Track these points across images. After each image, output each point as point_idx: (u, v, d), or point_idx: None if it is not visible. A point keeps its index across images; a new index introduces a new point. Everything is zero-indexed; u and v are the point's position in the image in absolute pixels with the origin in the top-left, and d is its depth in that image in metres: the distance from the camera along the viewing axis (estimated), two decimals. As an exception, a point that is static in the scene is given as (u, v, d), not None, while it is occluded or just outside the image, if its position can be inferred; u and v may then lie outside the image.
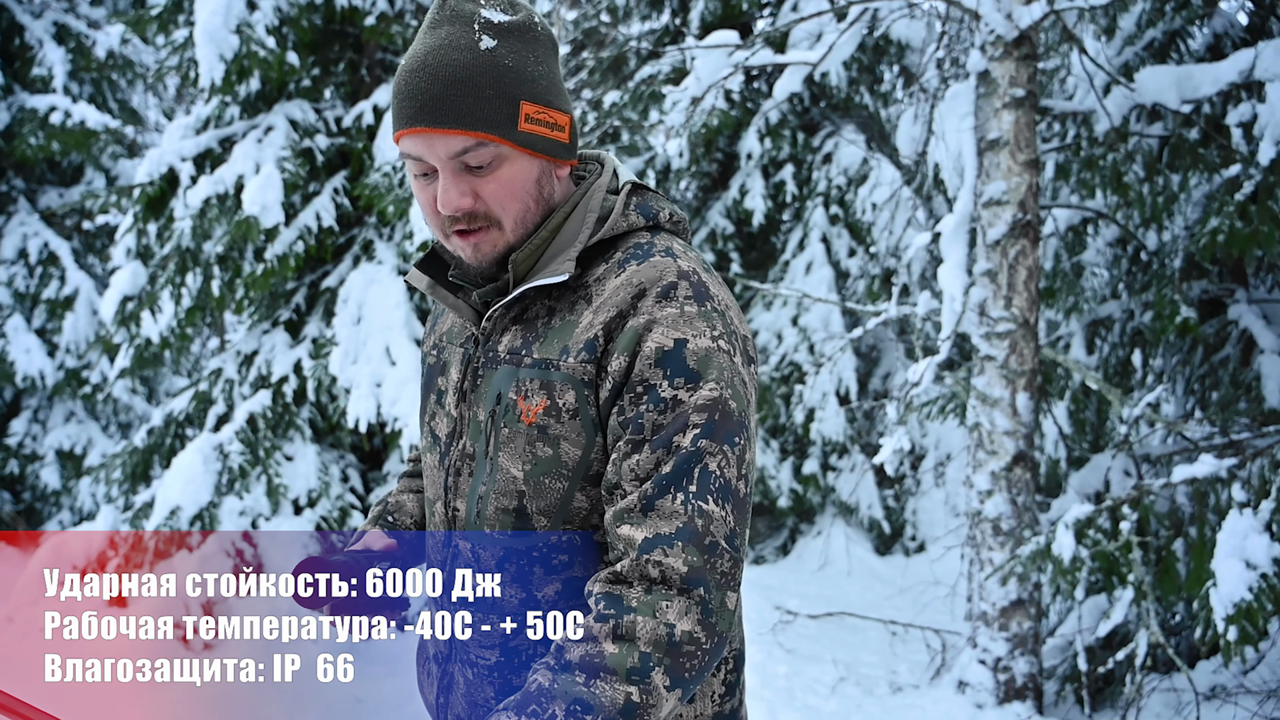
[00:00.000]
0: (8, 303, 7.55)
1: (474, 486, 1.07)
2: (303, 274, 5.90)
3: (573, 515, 1.02)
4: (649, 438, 0.96)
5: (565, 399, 1.01)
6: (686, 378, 0.97)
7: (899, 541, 7.09)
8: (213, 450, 5.19)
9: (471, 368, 1.10)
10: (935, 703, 3.65)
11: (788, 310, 7.46)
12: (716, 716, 1.07)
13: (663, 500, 0.94)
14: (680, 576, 0.92)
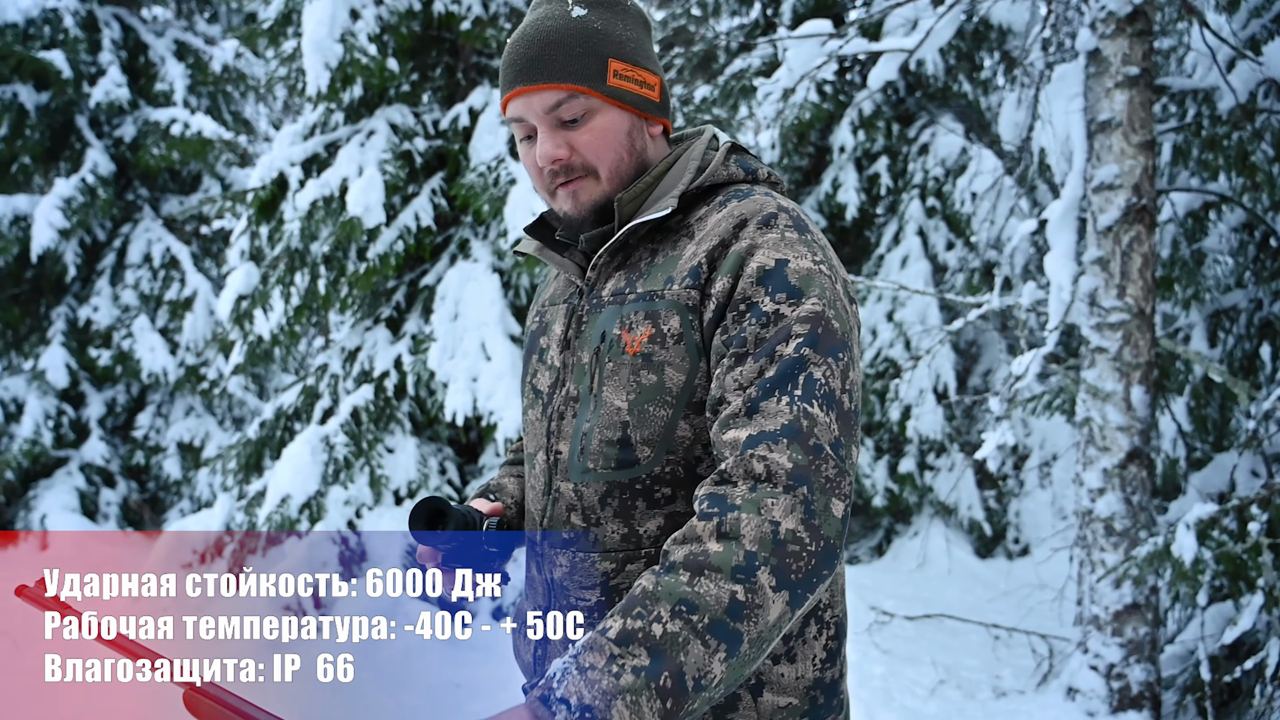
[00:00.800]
0: (134, 304, 8.04)
1: (577, 426, 1.08)
2: (402, 272, 6.09)
3: (676, 445, 1.02)
4: (751, 350, 0.97)
5: (670, 325, 1.02)
6: (789, 293, 0.98)
7: (1001, 544, 6.83)
8: (319, 442, 5.40)
9: (575, 316, 1.13)
10: (1043, 709, 3.51)
11: (882, 306, 7.29)
12: (817, 683, 1.05)
13: (767, 402, 0.94)
14: (785, 472, 0.90)
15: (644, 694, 0.80)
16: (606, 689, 0.80)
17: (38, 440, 7.41)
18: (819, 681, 1.06)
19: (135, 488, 8.05)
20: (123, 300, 8.04)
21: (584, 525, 1.07)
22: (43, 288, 8.04)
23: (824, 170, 7.91)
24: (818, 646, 1.06)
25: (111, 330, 7.90)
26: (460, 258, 5.72)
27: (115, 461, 7.95)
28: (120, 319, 7.96)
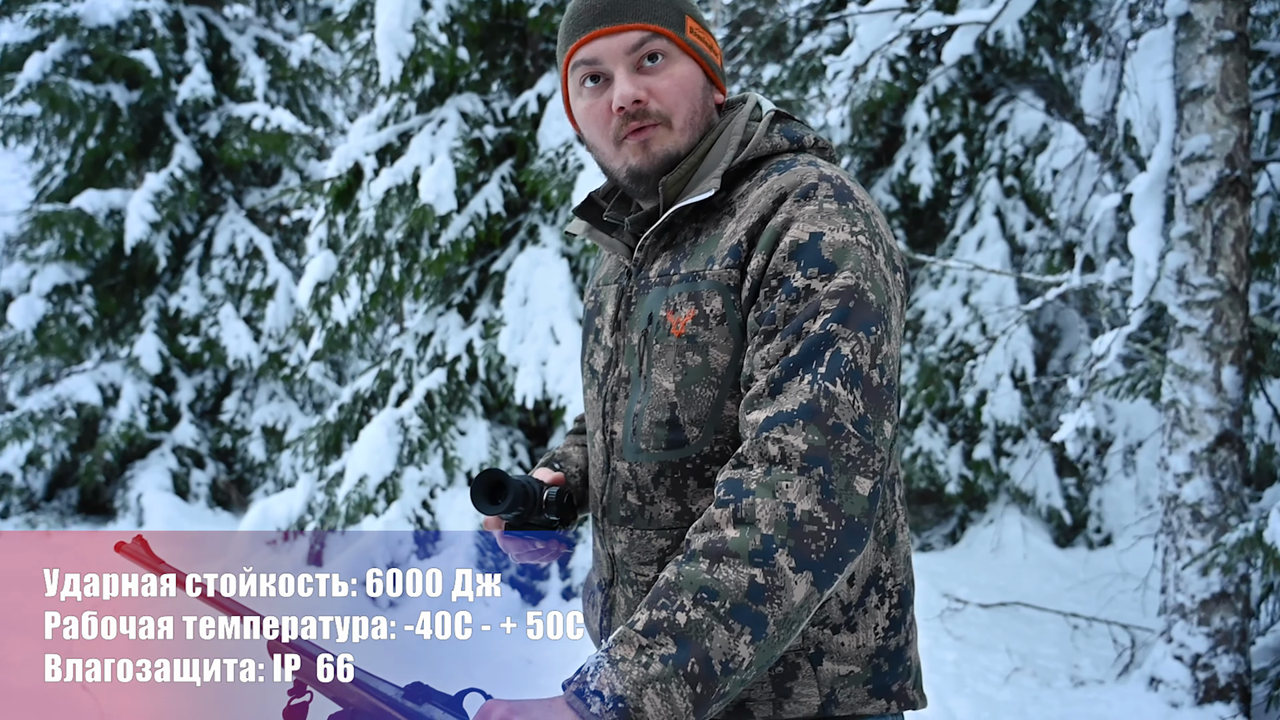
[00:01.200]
0: (220, 293, 8.37)
1: (629, 407, 1.09)
2: (473, 259, 6.20)
3: (724, 424, 1.02)
4: (780, 327, 0.96)
5: (712, 305, 1.02)
6: (821, 268, 0.96)
7: (1081, 533, 6.62)
8: (395, 424, 5.55)
9: (625, 298, 1.14)
10: (1123, 699, 3.40)
11: (957, 288, 7.11)
12: (880, 651, 1.04)
13: (789, 382, 0.93)
14: (800, 454, 0.89)
15: (673, 681, 0.82)
16: (637, 679, 0.82)
17: (133, 423, 7.79)
18: (882, 650, 1.05)
19: (223, 469, 8.40)
20: (209, 289, 8.39)
21: (640, 504, 1.08)
22: (136, 278, 8.43)
23: (896, 151, 7.74)
24: (879, 615, 1.05)
25: (199, 318, 8.25)
26: (529, 243, 5.79)
27: (204, 444, 8.32)
28: (207, 308, 8.30)
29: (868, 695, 1.04)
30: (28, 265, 8.08)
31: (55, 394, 7.84)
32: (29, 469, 7.64)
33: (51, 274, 7.92)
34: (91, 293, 8.15)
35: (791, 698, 1.01)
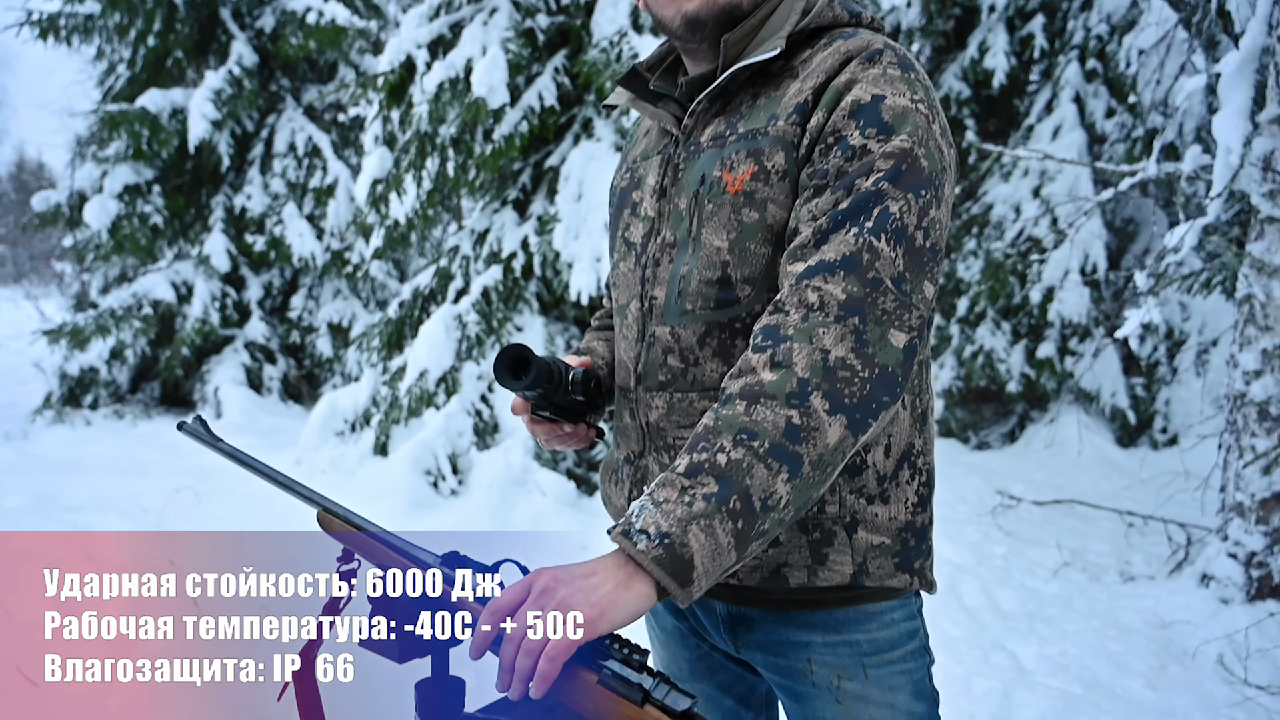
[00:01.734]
0: (283, 192, 8.49)
1: (674, 271, 1.08)
2: (528, 154, 6.14)
3: (776, 282, 1.02)
4: (831, 183, 0.96)
5: (774, 161, 1.01)
6: (879, 129, 0.96)
7: (1146, 433, 6.48)
8: (453, 320, 5.65)
9: (671, 165, 1.12)
10: (1172, 594, 3.39)
11: (1028, 181, 6.81)
12: (908, 525, 1.07)
13: (835, 233, 0.93)
14: (837, 303, 0.90)
15: (716, 517, 0.84)
16: (681, 516, 0.84)
17: (206, 320, 8.08)
18: (910, 525, 1.07)
19: (293, 365, 8.71)
20: (272, 188, 8.51)
21: (682, 366, 1.07)
22: (201, 178, 8.59)
23: (970, 33, 7.32)
24: (910, 491, 1.07)
25: (264, 217, 8.41)
26: (583, 137, 5.70)
27: (275, 340, 8.61)
28: (271, 206, 8.45)
29: (894, 568, 1.06)
30: (99, 166, 8.29)
31: (133, 292, 8.15)
32: (113, 363, 8.03)
33: (122, 174, 8.11)
34: (160, 192, 8.34)
35: (826, 564, 1.04)
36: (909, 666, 1.09)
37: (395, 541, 1.03)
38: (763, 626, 1.10)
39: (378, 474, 5.12)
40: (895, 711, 1.08)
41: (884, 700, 1.08)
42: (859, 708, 1.08)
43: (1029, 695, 2.78)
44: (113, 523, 4.50)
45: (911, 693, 1.09)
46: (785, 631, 1.09)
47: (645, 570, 0.83)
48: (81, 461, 5.95)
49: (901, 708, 1.08)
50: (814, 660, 1.09)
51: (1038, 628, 3.30)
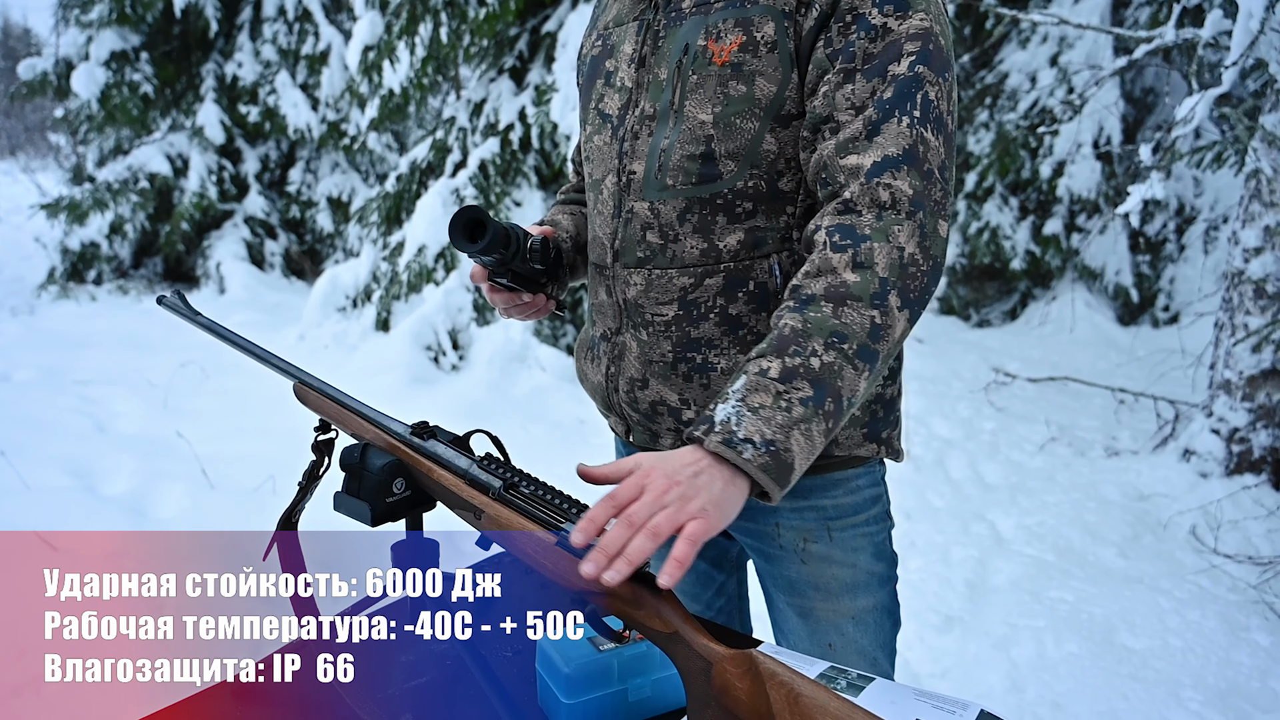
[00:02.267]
0: (274, 59, 8.23)
1: (654, 144, 1.06)
2: (525, 17, 5.90)
3: (760, 158, 1.01)
4: (861, 66, 0.95)
5: (764, 31, 0.99)
6: (896, 5, 0.95)
7: (1149, 311, 6.47)
8: (450, 194, 5.58)
9: (651, 32, 1.08)
10: (1153, 469, 3.47)
11: (1046, 48, 6.54)
12: (878, 398, 1.11)
13: (887, 124, 0.93)
14: (908, 199, 0.92)
15: (814, 420, 0.87)
16: (783, 423, 0.86)
17: (204, 194, 7.99)
18: (880, 397, 1.10)
19: (294, 240, 8.67)
20: (263, 55, 8.24)
21: (661, 242, 1.07)
22: (190, 44, 8.31)
23: (993, -115, 6.86)
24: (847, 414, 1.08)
25: (257, 86, 8.18)
26: (582, 1, 5.46)
27: (274, 215, 8.54)
28: (263, 74, 8.20)
29: (862, 438, 1.10)
30: (83, 31, 8.01)
31: (128, 164, 8.04)
32: (114, 238, 8.01)
33: (107, 40, 7.85)
34: (149, 60, 8.09)
35: None
36: (871, 530, 1.15)
37: (367, 412, 1.06)
38: None
39: (379, 349, 5.19)
40: (857, 570, 1.14)
41: (846, 560, 1.13)
42: (823, 567, 1.14)
43: (1003, 562, 2.89)
44: (121, 396, 4.60)
45: (872, 554, 1.15)
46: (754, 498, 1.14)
47: (748, 475, 0.85)
48: (88, 336, 6.03)
49: (863, 567, 1.14)
50: (781, 525, 1.14)
51: (1019, 499, 3.41)
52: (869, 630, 1.16)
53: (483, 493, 0.95)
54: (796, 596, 1.16)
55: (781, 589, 1.18)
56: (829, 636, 1.15)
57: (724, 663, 0.84)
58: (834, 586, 1.14)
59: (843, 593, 1.14)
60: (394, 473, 1.01)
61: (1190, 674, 2.32)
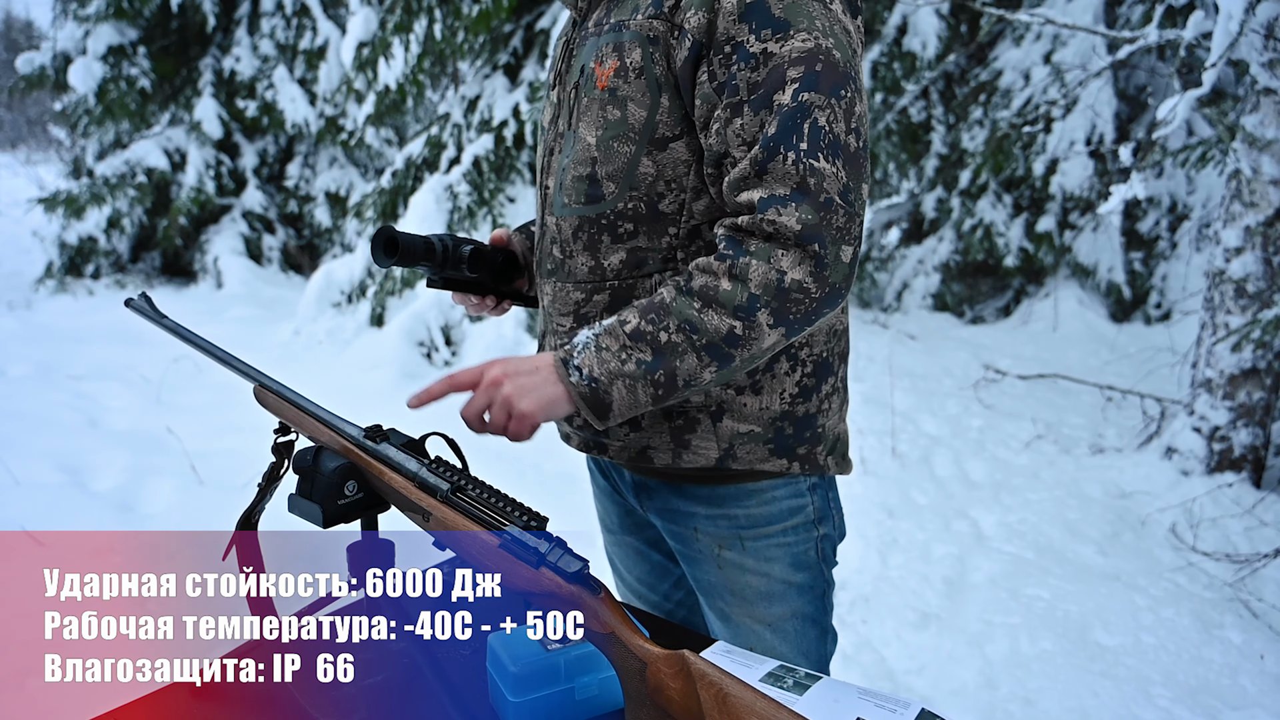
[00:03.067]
0: (272, 54, 8.24)
1: (560, 162, 1.09)
2: (520, 14, 5.91)
3: (638, 181, 1.02)
4: (746, 99, 0.94)
5: (632, 57, 1.00)
6: (774, 28, 0.92)
7: (1141, 309, 6.48)
8: (443, 190, 5.61)
9: (569, 50, 1.11)
10: (1135, 466, 3.49)
11: (1040, 46, 6.54)
12: (785, 415, 1.09)
13: (774, 162, 0.93)
14: (795, 234, 0.93)
15: (640, 381, 0.95)
16: (613, 370, 0.95)
17: (202, 188, 8.02)
18: (787, 414, 1.09)
19: (292, 235, 8.69)
20: (261, 50, 8.26)
21: (562, 257, 1.10)
22: (188, 38, 8.33)
23: (989, -119, 6.86)
24: (789, 382, 1.08)
25: (254, 81, 8.20)
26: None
27: (273, 210, 8.56)
28: (261, 69, 8.22)
29: (767, 453, 1.09)
30: (80, 25, 8.03)
31: (126, 159, 8.06)
32: (111, 232, 8.03)
33: (104, 34, 7.87)
34: (146, 54, 8.11)
35: (690, 449, 1.08)
36: (788, 540, 1.14)
37: (322, 414, 1.09)
38: (659, 494, 1.17)
39: (373, 345, 5.22)
40: (770, 580, 1.14)
41: (759, 569, 1.14)
42: (736, 574, 1.15)
43: (982, 559, 2.92)
44: (114, 391, 4.64)
45: (789, 563, 1.14)
46: (676, 501, 1.16)
47: (569, 396, 0.97)
48: (84, 331, 6.06)
49: (777, 576, 1.14)
50: (699, 530, 1.16)
51: (1002, 497, 3.43)
52: (788, 638, 1.16)
53: (430, 495, 0.98)
54: (715, 599, 1.18)
55: (704, 591, 1.20)
56: (748, 641, 1.17)
57: (657, 663, 0.87)
58: (748, 594, 1.15)
59: (757, 600, 1.15)
60: (346, 475, 1.03)
61: (1161, 671, 2.35)
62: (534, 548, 0.92)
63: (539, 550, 0.92)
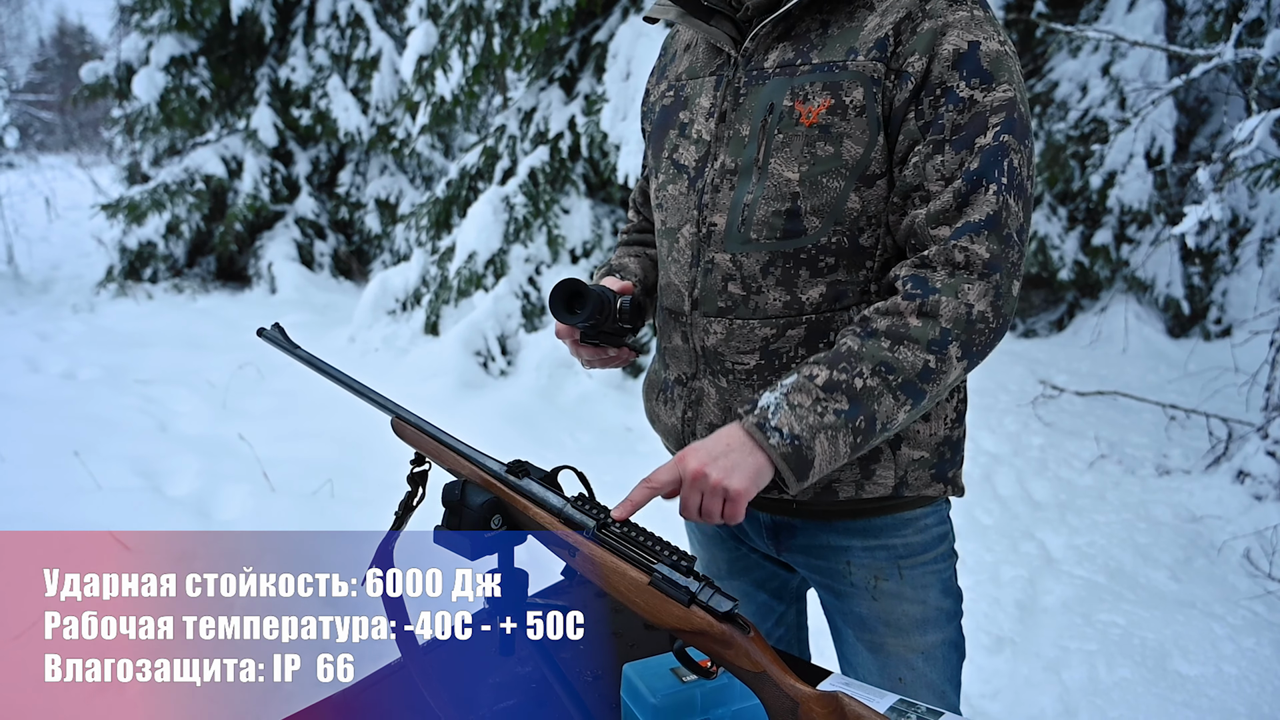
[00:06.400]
0: (326, 64, 8.39)
1: (736, 198, 1.10)
2: (575, 28, 5.97)
3: (844, 215, 1.06)
4: (949, 138, 1.01)
5: (853, 96, 1.03)
6: (981, 79, 1.01)
7: (1199, 324, 6.37)
8: (500, 202, 5.67)
9: (731, 88, 1.12)
10: (1205, 489, 3.44)
11: (1097, 58, 6.47)
12: (946, 440, 1.15)
13: (975, 194, 1.00)
14: (983, 262, 0.99)
15: (842, 431, 0.97)
16: (812, 424, 0.96)
17: (257, 195, 8.18)
18: (948, 439, 1.15)
19: (343, 241, 8.83)
20: (316, 60, 8.41)
21: (744, 294, 1.10)
22: (245, 49, 8.51)
23: (1045, -109, 6.79)
24: (949, 409, 1.14)
25: (309, 90, 8.35)
26: (632, 11, 5.52)
27: (324, 216, 8.71)
28: (315, 79, 8.37)
29: (930, 479, 1.15)
30: (143, 36, 8.24)
31: (184, 166, 8.25)
32: (170, 238, 8.23)
33: (167, 45, 8.07)
34: (206, 64, 8.30)
35: (873, 479, 1.12)
36: (939, 567, 1.19)
37: (464, 449, 1.12)
38: (805, 533, 1.20)
39: (429, 353, 5.29)
40: (926, 607, 1.18)
41: (916, 597, 1.18)
42: (894, 604, 1.18)
43: (1053, 583, 2.90)
44: (182, 396, 4.75)
45: (940, 590, 1.19)
46: (826, 537, 1.18)
47: (771, 460, 0.96)
48: (146, 335, 6.21)
49: (932, 603, 1.19)
50: (853, 563, 1.18)
51: (1068, 518, 3.40)
52: (938, 664, 1.20)
53: (577, 531, 1.01)
54: (867, 632, 1.20)
55: (852, 624, 1.22)
56: (899, 671, 1.19)
57: (810, 703, 0.89)
58: (904, 623, 1.18)
59: (913, 629, 1.18)
60: (492, 509, 1.06)
61: (1245, 702, 2.31)
62: (684, 586, 0.94)
63: (690, 589, 0.94)
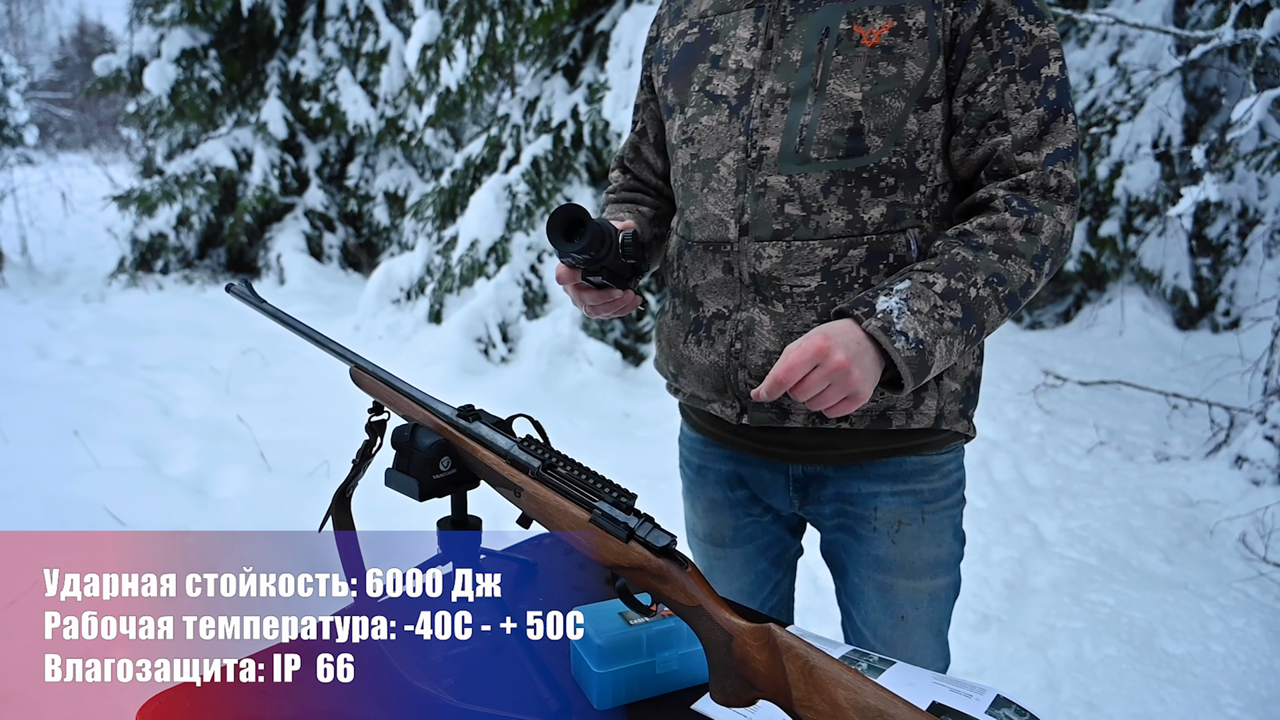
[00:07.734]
0: (336, 57, 8.44)
1: (792, 120, 1.10)
2: (579, 17, 5.98)
3: (904, 136, 1.09)
4: (1020, 69, 1.07)
5: (915, 19, 1.07)
6: (1035, 15, 1.08)
7: (1208, 316, 6.30)
8: (503, 190, 5.69)
9: (778, 16, 1.13)
10: (1203, 474, 3.42)
11: (1105, 47, 6.42)
12: (972, 376, 1.20)
13: (1056, 122, 1.07)
14: (1070, 186, 1.07)
15: (957, 337, 1.02)
16: (934, 330, 1.01)
17: (267, 187, 8.24)
18: (973, 375, 1.20)
19: (351, 233, 8.89)
20: (325, 53, 8.47)
21: (803, 214, 1.10)
22: (256, 42, 8.57)
23: (1055, -120, 6.74)
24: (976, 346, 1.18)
25: (319, 83, 8.41)
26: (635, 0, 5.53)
27: (333, 208, 8.77)
28: (325, 72, 8.42)
29: (959, 414, 1.19)
30: (155, 29, 8.32)
31: (195, 158, 8.33)
32: (181, 229, 8.30)
33: (178, 38, 8.14)
34: (217, 57, 8.37)
35: (920, 408, 1.15)
36: (954, 511, 1.23)
37: (417, 394, 1.13)
38: (835, 482, 1.21)
39: (431, 341, 5.32)
40: (941, 550, 1.22)
41: (935, 541, 1.22)
42: (913, 546, 1.21)
43: (1044, 564, 2.88)
44: (185, 381, 4.80)
45: (952, 534, 1.24)
46: (857, 484, 1.21)
47: (893, 362, 1.00)
48: (155, 323, 6.28)
49: (946, 546, 1.23)
50: (880, 508, 1.21)
51: (1063, 502, 3.38)
52: (940, 605, 1.24)
53: (522, 471, 1.02)
54: (881, 573, 1.22)
55: (867, 565, 1.23)
56: (904, 610, 1.22)
57: (744, 635, 0.90)
58: (919, 565, 1.22)
59: (926, 571, 1.22)
60: (441, 451, 1.07)
61: (1231, 680, 2.30)
62: (623, 522, 0.94)
63: (629, 525, 0.94)
